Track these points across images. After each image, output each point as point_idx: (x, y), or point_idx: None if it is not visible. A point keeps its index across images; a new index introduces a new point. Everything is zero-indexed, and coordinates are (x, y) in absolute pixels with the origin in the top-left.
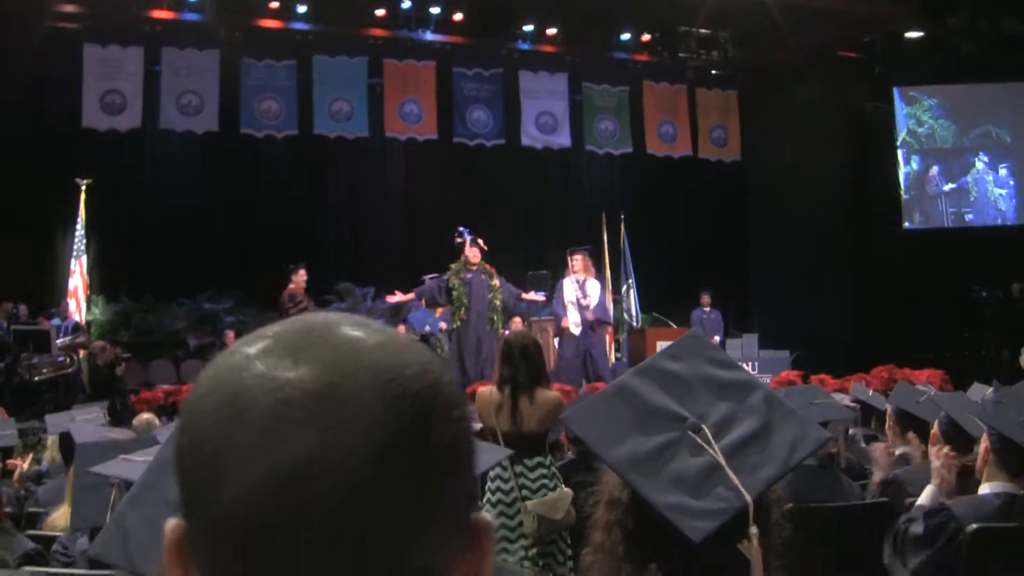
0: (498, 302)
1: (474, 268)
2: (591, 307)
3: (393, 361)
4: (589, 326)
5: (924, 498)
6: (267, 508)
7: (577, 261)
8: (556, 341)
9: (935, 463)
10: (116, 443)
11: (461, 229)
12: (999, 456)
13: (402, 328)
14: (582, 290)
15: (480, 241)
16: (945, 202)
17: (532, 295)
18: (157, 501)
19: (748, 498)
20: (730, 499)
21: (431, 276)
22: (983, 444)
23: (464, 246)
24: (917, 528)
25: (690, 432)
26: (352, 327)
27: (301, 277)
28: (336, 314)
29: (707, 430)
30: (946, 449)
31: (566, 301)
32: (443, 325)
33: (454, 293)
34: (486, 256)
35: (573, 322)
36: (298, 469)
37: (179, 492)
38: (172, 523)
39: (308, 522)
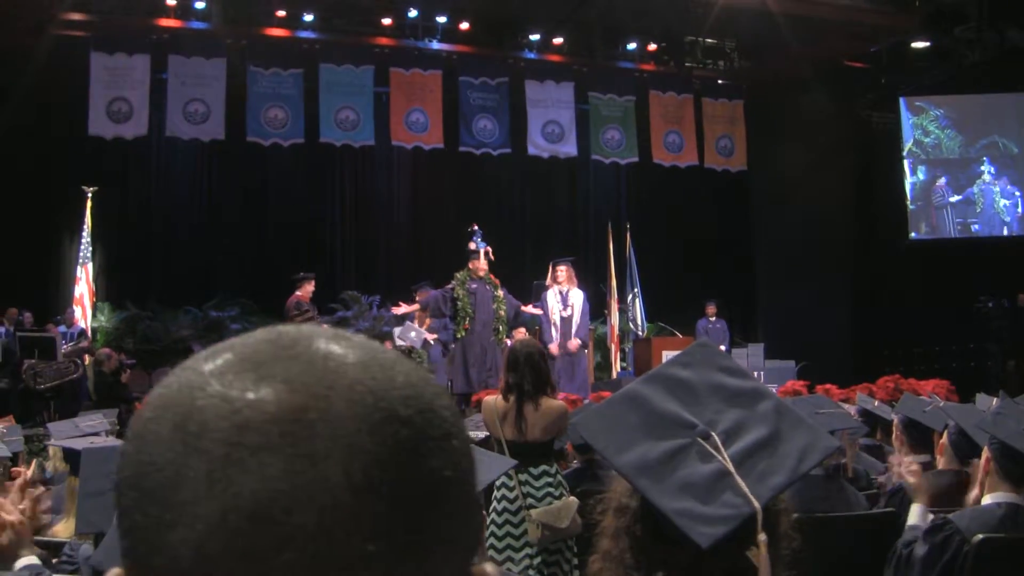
0: (503, 312)
1: (479, 278)
2: (573, 319)
3: (377, 381)
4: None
5: (914, 517)
6: (221, 555)
7: (561, 272)
8: None
9: (910, 479)
10: (117, 449)
11: (475, 230)
12: (1000, 466)
13: (388, 344)
14: (563, 301)
15: (489, 250)
16: (951, 213)
17: (531, 308)
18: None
19: (757, 505)
20: (739, 506)
21: (423, 285)
22: (984, 454)
23: (475, 255)
24: (920, 549)
25: (699, 439)
26: (329, 340)
27: (308, 288)
28: (310, 326)
29: (716, 437)
30: (908, 458)
31: (552, 318)
32: (429, 337)
33: (459, 303)
34: (491, 266)
35: (557, 343)
36: (259, 507)
37: (120, 533)
38: (114, 573)
39: (271, 569)
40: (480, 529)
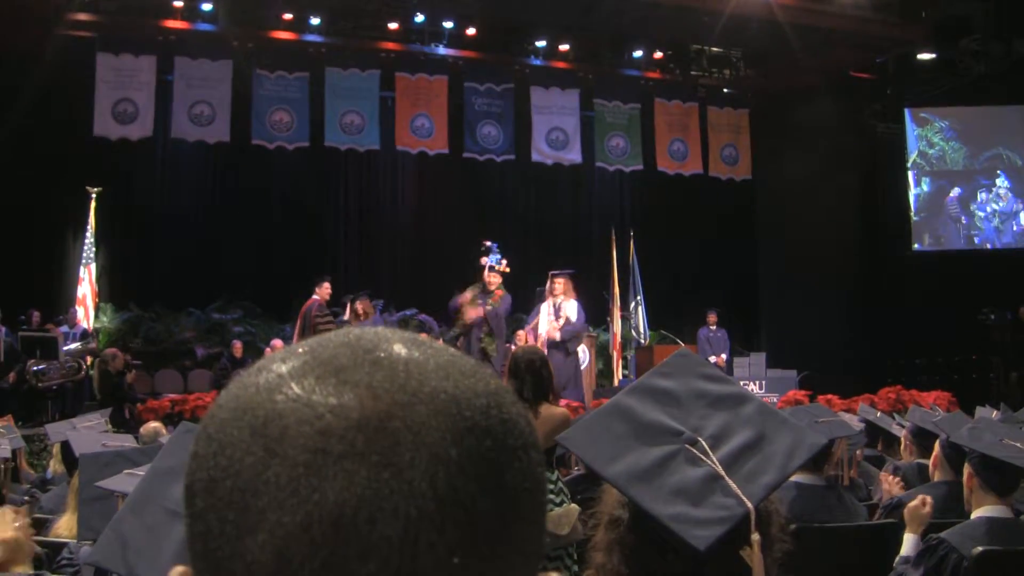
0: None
1: (488, 292)
2: (560, 327)
3: (458, 389)
4: (554, 346)
5: (906, 548)
6: (302, 563)
7: (559, 284)
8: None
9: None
10: (119, 454)
11: (488, 246)
12: (983, 479)
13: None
14: (555, 313)
15: (504, 262)
16: (957, 225)
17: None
18: (157, 509)
19: (750, 505)
20: (731, 507)
21: (363, 294)
22: (966, 471)
23: (484, 270)
24: (914, 573)
25: (687, 445)
26: (406, 345)
27: (326, 290)
28: (384, 328)
29: (704, 442)
30: (891, 476)
31: (538, 332)
32: None
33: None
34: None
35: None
36: (343, 515)
37: (190, 536)
38: (178, 572)
39: None
40: (545, 537)
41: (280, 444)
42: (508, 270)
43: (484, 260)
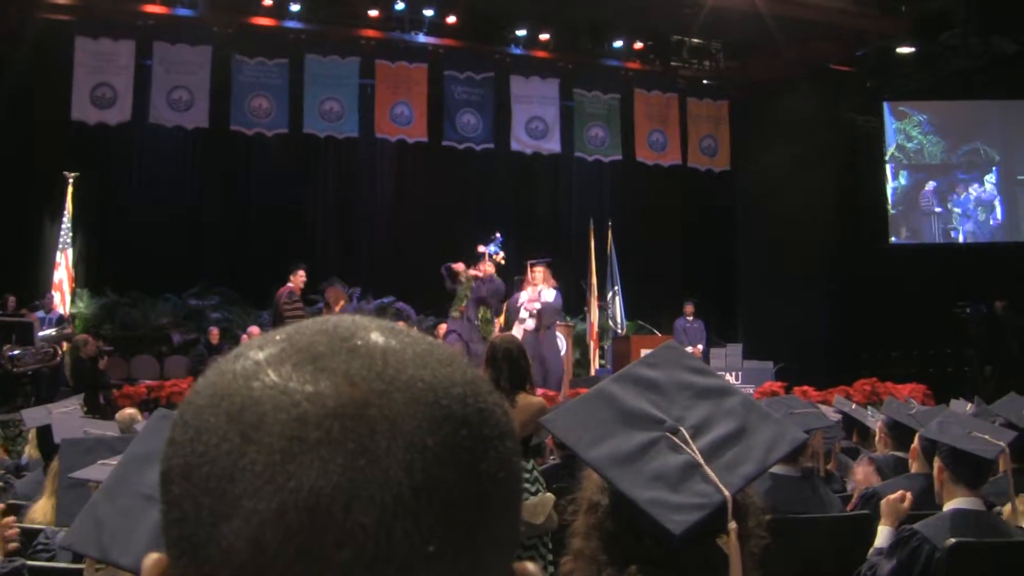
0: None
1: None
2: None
3: (435, 377)
4: (536, 329)
5: (881, 540)
6: (277, 550)
7: (538, 272)
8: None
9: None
10: (101, 440)
11: (496, 237)
12: (954, 472)
13: (401, 324)
14: (537, 299)
15: (501, 254)
16: (936, 218)
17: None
18: (132, 493)
19: (727, 493)
20: (710, 494)
21: (333, 281)
22: (936, 464)
23: (483, 259)
24: (887, 565)
25: (668, 433)
26: (383, 333)
27: (300, 278)
28: (361, 317)
29: (685, 431)
30: (864, 467)
31: (518, 305)
32: None
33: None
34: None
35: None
36: (319, 502)
37: (165, 522)
38: (153, 559)
39: (328, 567)
40: (520, 527)
41: (256, 431)
42: (504, 263)
43: (481, 248)
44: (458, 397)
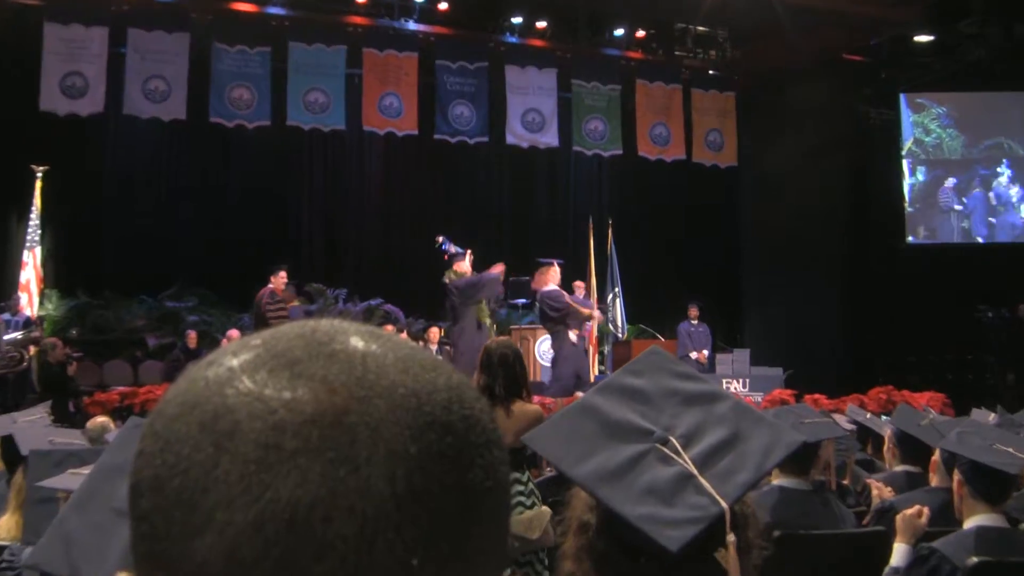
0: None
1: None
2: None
3: (419, 383)
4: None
5: (897, 559)
6: (254, 564)
7: (557, 272)
8: (549, 351)
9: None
10: (72, 453)
11: (441, 240)
12: (974, 487)
13: (390, 328)
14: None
15: (468, 252)
16: (952, 217)
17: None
18: (103, 507)
19: (724, 504)
20: (705, 506)
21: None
22: (955, 478)
23: (460, 256)
24: None
25: (658, 444)
26: (364, 338)
27: (281, 279)
28: (341, 321)
29: (675, 441)
30: (878, 482)
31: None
32: None
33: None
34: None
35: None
36: (297, 514)
37: (135, 538)
38: None
39: None
40: (508, 539)
41: (231, 440)
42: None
43: (452, 249)
44: (442, 403)
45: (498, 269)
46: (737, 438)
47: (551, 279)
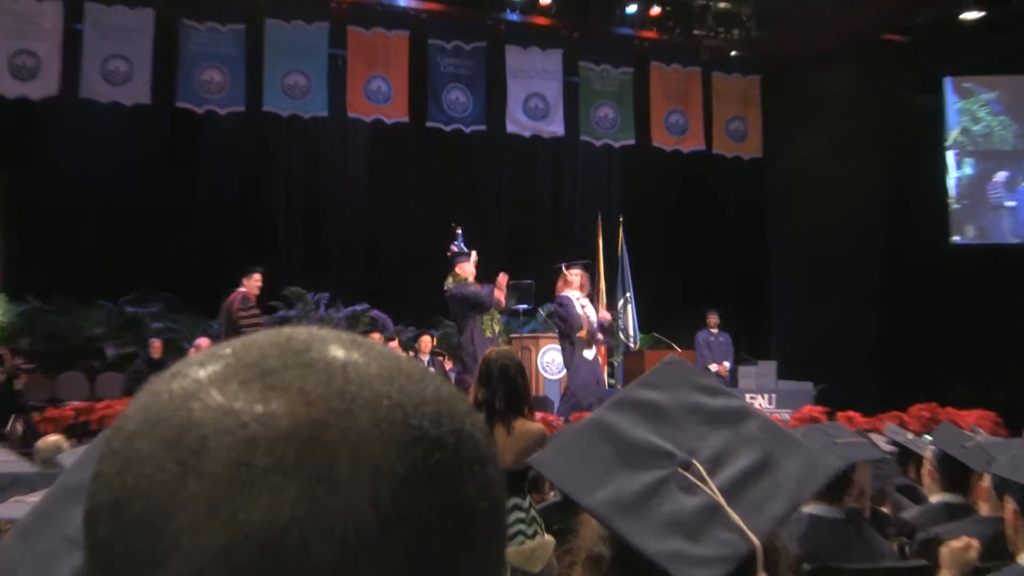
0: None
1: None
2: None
3: (404, 395)
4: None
5: None
6: None
7: (576, 277)
8: (553, 363)
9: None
10: (19, 477)
11: (459, 232)
12: None
13: (377, 336)
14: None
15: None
16: (1003, 214)
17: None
18: (54, 535)
19: (756, 541)
20: (735, 542)
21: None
22: (1008, 507)
23: (464, 257)
24: None
25: (680, 469)
26: (345, 346)
27: (255, 282)
28: (320, 329)
29: (699, 466)
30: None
31: (580, 313)
32: None
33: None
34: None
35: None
36: (271, 537)
37: (89, 569)
38: None
39: None
40: (505, 564)
41: (198, 458)
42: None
43: (454, 248)
44: (431, 416)
45: (502, 281)
46: (768, 463)
47: (572, 284)
